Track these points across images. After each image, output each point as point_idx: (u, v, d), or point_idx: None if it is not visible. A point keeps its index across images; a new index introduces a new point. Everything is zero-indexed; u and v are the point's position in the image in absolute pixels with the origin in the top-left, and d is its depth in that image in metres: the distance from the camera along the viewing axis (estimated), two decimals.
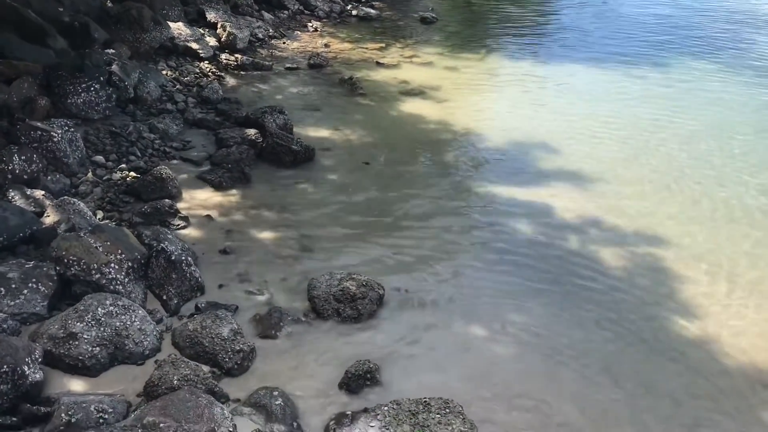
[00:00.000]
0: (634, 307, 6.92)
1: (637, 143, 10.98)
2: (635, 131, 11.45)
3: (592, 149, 10.71)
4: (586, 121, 11.80)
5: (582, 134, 11.30)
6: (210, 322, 5.70)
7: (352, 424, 4.87)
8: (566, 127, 11.52)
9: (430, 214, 8.48)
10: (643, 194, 9.31)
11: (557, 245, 8.00)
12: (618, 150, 10.71)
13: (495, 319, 6.56)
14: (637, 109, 12.43)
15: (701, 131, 11.51)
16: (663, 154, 10.62)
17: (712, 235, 8.32)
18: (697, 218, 8.72)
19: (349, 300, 6.29)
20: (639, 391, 5.79)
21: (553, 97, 13.09)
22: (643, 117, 12.07)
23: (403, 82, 13.18)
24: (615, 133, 11.37)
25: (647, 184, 9.61)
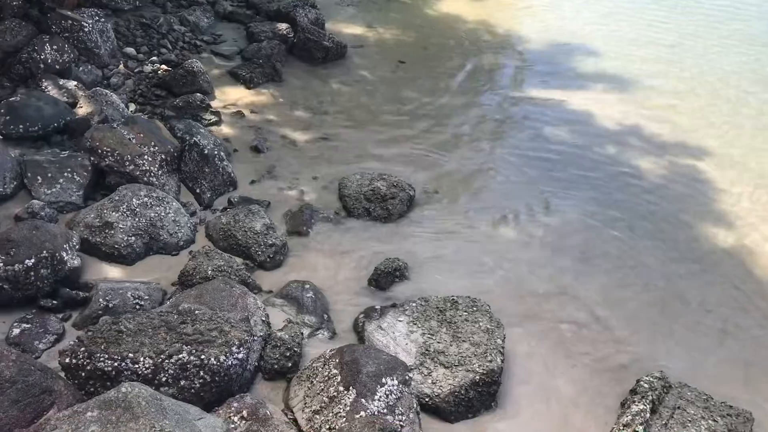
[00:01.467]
0: (670, 215, 6.84)
1: (682, 49, 10.59)
2: (681, 36, 11.01)
3: (634, 53, 10.37)
4: (630, 24, 11.37)
5: (625, 37, 10.91)
6: (243, 216, 5.75)
7: (380, 318, 4.95)
8: (609, 29, 11.12)
9: (464, 116, 8.33)
10: (685, 101, 9.06)
11: (593, 150, 7.87)
12: (662, 55, 10.36)
13: (525, 222, 6.55)
14: (684, 14, 11.90)
15: (753, 37, 11.02)
16: (709, 61, 10.23)
17: (756, 146, 8.10)
18: (741, 128, 8.48)
19: (379, 200, 6.28)
20: (669, 296, 5.79)
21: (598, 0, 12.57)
22: (690, 22, 11.57)
23: None
24: (660, 37, 10.96)
25: (691, 91, 9.33)
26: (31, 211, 5.42)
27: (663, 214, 6.86)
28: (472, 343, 4.71)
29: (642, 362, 5.07)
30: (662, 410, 4.43)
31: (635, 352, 5.19)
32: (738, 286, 5.98)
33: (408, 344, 4.75)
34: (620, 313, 5.55)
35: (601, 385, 4.86)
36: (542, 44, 10.42)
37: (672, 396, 4.56)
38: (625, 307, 5.63)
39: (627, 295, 5.77)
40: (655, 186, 7.31)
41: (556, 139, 8.00)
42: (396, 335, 4.82)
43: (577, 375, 4.95)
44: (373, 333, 4.85)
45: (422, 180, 6.93)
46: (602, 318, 5.49)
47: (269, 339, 4.59)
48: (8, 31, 7.20)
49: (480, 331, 4.81)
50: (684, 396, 4.58)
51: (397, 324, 4.91)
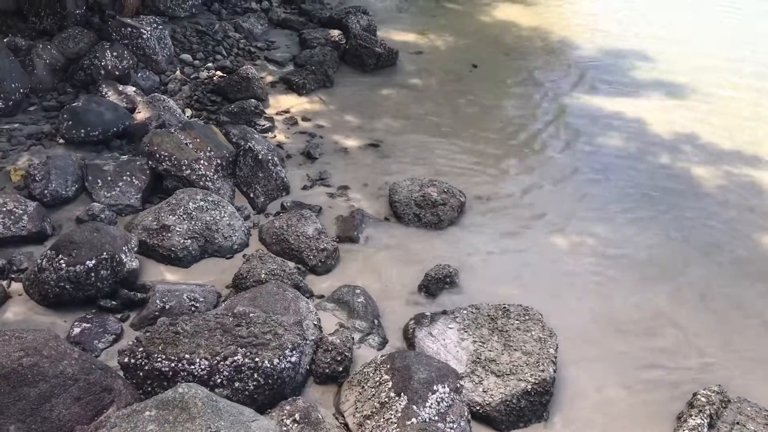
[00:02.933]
0: (726, 227, 6.67)
1: (738, 54, 10.32)
2: (735, 42, 10.73)
3: (688, 59, 10.16)
4: (682, 30, 11.14)
5: (678, 43, 10.69)
6: (295, 221, 5.82)
7: (431, 325, 4.95)
8: (661, 35, 10.94)
9: (515, 124, 8.27)
10: (741, 108, 8.81)
11: (647, 159, 7.73)
12: (716, 61, 10.11)
13: (578, 232, 6.46)
14: (737, 19, 11.61)
15: None
16: (763, 68, 9.95)
17: None
18: None
19: (429, 206, 6.28)
20: (727, 310, 5.64)
21: (651, 4, 12.33)
22: (745, 27, 11.27)
23: None
24: (714, 43, 10.70)
25: (747, 98, 9.06)
26: (91, 214, 5.59)
27: (721, 226, 6.69)
28: (524, 352, 4.67)
29: (701, 377, 4.95)
30: (720, 425, 4.32)
31: (693, 366, 5.07)
32: None
33: (459, 352, 4.73)
34: (676, 328, 5.43)
35: (656, 399, 4.76)
36: (598, 51, 10.29)
37: (731, 411, 4.44)
38: (681, 320, 5.50)
39: (684, 308, 5.64)
40: (713, 196, 7.12)
41: (611, 149, 7.87)
42: (447, 342, 4.81)
43: (632, 387, 4.85)
44: (424, 339, 4.85)
45: (474, 187, 6.90)
46: (657, 331, 5.37)
47: (321, 343, 4.62)
48: (71, 38, 7.46)
49: (532, 340, 4.77)
50: (743, 411, 4.45)
51: (448, 331, 4.90)
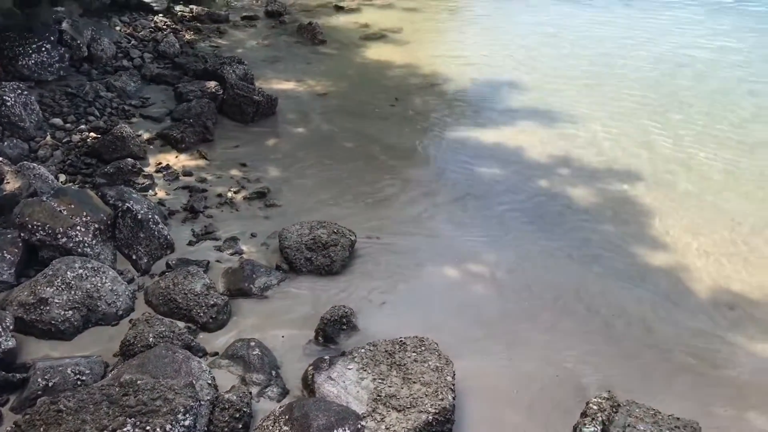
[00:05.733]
0: (605, 241, 7.02)
1: (602, 76, 11.02)
2: (600, 64, 11.47)
3: (558, 85, 10.74)
4: (550, 57, 11.78)
5: (548, 70, 11.30)
6: (182, 279, 5.67)
7: (330, 368, 4.91)
8: (531, 64, 11.51)
9: (399, 162, 8.44)
10: (611, 128, 9.37)
11: (527, 184, 8.05)
12: (584, 85, 10.74)
13: (467, 260, 6.62)
14: (601, 42, 12.43)
15: (666, 57, 11.57)
16: (627, 84, 10.67)
17: (678, 165, 8.43)
18: (665, 150, 8.82)
19: (321, 248, 6.29)
20: (612, 318, 5.93)
21: (516, 33, 13.03)
22: (607, 49, 12.08)
23: (364, 26, 13.00)
24: (580, 67, 11.39)
25: (615, 117, 9.67)
26: None
27: (599, 239, 7.05)
28: (423, 383, 4.72)
29: (591, 385, 5.16)
30: (613, 429, 4.49)
31: (582, 375, 5.28)
32: (676, 302, 6.16)
33: (359, 392, 4.72)
34: (566, 340, 5.65)
35: (552, 412, 4.91)
36: (473, 84, 10.69)
37: (621, 414, 4.63)
38: (570, 334, 5.73)
39: (571, 322, 5.88)
40: (590, 212, 7.50)
41: (492, 177, 8.16)
42: (346, 384, 4.79)
43: (529, 405, 4.99)
44: (324, 384, 4.81)
45: (364, 225, 6.95)
46: (549, 345, 5.57)
47: (217, 402, 4.50)
48: None
49: (430, 371, 4.83)
50: (633, 413, 4.65)
51: (347, 372, 4.88)
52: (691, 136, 9.08)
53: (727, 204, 7.60)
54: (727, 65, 11.52)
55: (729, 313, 6.02)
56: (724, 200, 7.67)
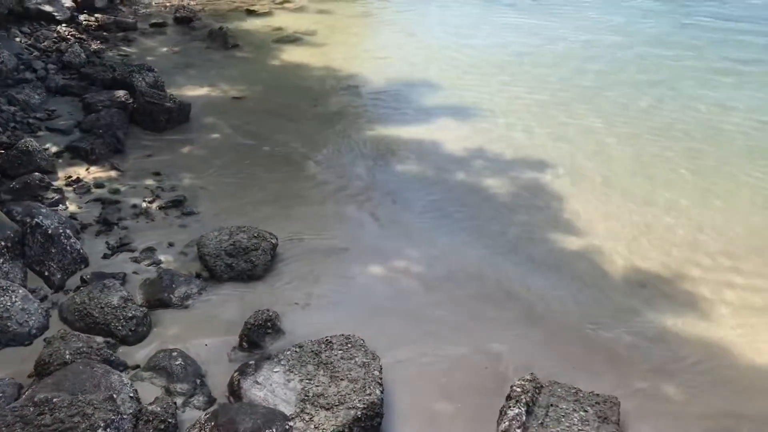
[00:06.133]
0: (522, 230, 7.20)
1: (513, 70, 11.31)
2: (511, 58, 11.77)
3: (473, 82, 10.95)
4: (465, 55, 12.00)
5: (462, 67, 11.51)
6: (98, 293, 5.50)
7: (256, 372, 4.86)
8: (446, 62, 11.71)
9: (318, 163, 8.43)
10: (524, 121, 9.60)
11: (446, 179, 8.18)
12: (498, 80, 10.99)
13: (390, 256, 6.67)
14: (514, 39, 12.75)
15: (574, 52, 11.96)
16: (538, 78, 10.98)
17: (590, 153, 8.72)
18: (576, 139, 9.11)
19: (241, 253, 6.21)
20: (532, 303, 6.10)
21: (429, 32, 13.23)
22: (520, 45, 12.41)
23: (277, 29, 12.93)
24: (492, 61, 11.65)
25: (528, 110, 9.91)
26: None
27: (516, 229, 7.23)
28: (350, 380, 4.73)
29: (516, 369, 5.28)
30: (537, 410, 4.63)
31: (507, 360, 5.41)
32: (591, 284, 6.39)
33: (287, 393, 4.69)
34: (490, 327, 5.78)
35: (479, 398, 5.01)
36: (390, 84, 10.75)
37: (544, 395, 4.78)
38: (493, 321, 5.86)
39: (493, 310, 6.00)
40: (507, 203, 7.69)
41: (410, 175, 8.24)
42: (273, 387, 4.75)
43: (457, 392, 5.08)
44: (250, 389, 4.76)
45: (286, 228, 6.90)
46: (474, 333, 5.68)
47: (140, 415, 4.38)
48: None
49: (357, 367, 4.85)
50: (555, 393, 4.81)
51: (273, 375, 4.84)
52: (599, 125, 9.43)
53: (636, 188, 7.91)
54: (633, 58, 11.97)
55: (641, 291, 6.28)
56: (633, 185, 7.98)
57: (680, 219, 7.32)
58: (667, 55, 11.85)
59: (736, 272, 6.53)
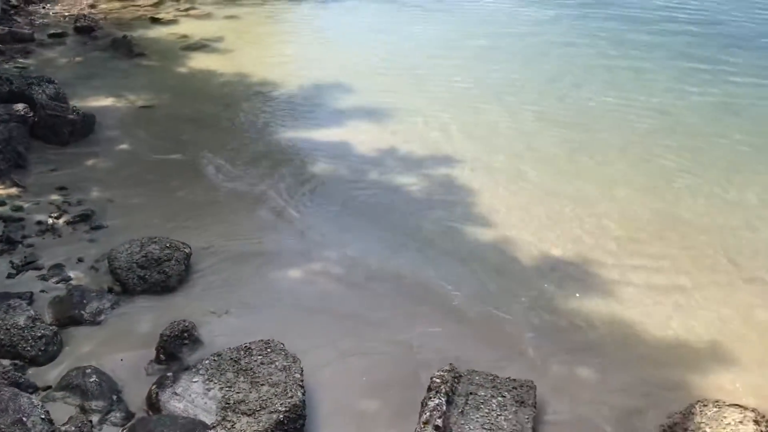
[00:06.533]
0: (437, 226, 7.34)
1: (424, 69, 11.47)
2: (421, 58, 11.93)
3: (383, 81, 11.06)
4: (375, 56, 12.09)
5: (373, 68, 11.60)
6: (3, 314, 5.27)
7: (174, 384, 4.78)
8: (357, 64, 11.77)
9: (230, 170, 8.32)
10: (436, 118, 9.76)
11: (361, 180, 8.25)
12: (409, 80, 11.13)
13: (308, 259, 6.69)
14: (423, 38, 12.93)
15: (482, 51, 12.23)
16: (448, 77, 11.17)
17: (502, 147, 8.95)
18: (484, 132, 9.34)
19: (154, 264, 6.08)
20: (448, 295, 6.23)
21: (340, 35, 13.28)
22: (429, 44, 12.60)
23: (183, 37, 12.69)
24: (402, 61, 11.79)
25: (440, 108, 10.07)
26: None
27: (431, 224, 7.36)
28: (271, 384, 4.72)
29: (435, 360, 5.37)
30: (457, 399, 4.74)
31: (427, 352, 5.51)
32: (503, 272, 6.58)
33: (207, 402, 4.64)
34: (410, 321, 5.87)
35: (402, 391, 5.08)
36: (300, 88, 10.70)
37: (463, 384, 4.90)
38: (412, 315, 5.95)
39: (411, 304, 6.10)
40: (421, 200, 7.82)
41: (325, 176, 8.25)
42: (193, 397, 4.68)
43: (379, 388, 5.14)
44: (169, 401, 4.67)
45: (199, 237, 6.80)
46: (394, 329, 5.77)
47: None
48: None
49: (277, 371, 4.83)
50: (474, 381, 4.94)
51: (192, 385, 4.78)
52: (508, 120, 9.68)
53: (545, 179, 8.16)
54: (537, 55, 12.30)
55: (552, 276, 6.52)
56: (542, 176, 8.23)
57: (587, 206, 7.61)
58: (571, 51, 12.23)
59: (640, 255, 6.87)
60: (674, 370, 5.46)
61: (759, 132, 9.21)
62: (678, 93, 10.41)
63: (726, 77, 10.85)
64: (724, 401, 4.92)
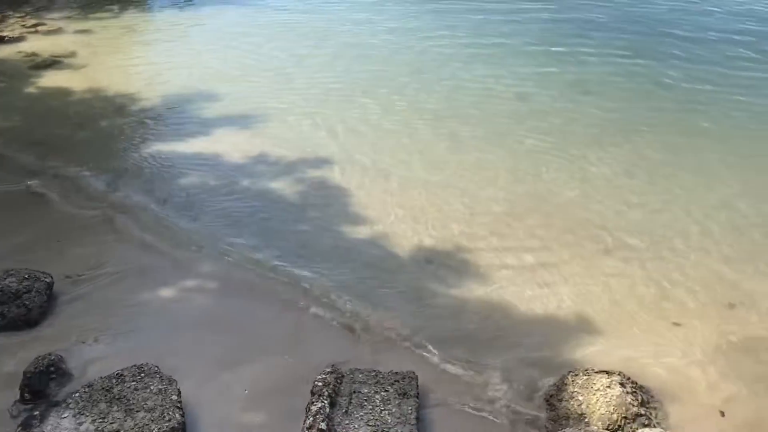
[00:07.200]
0: (313, 226, 7.33)
1: (290, 72, 11.38)
2: (287, 61, 11.82)
3: (249, 87, 10.90)
4: (238, 62, 11.87)
5: (237, 74, 11.38)
6: None
7: (42, 423, 4.49)
8: (220, 71, 11.53)
9: (89, 191, 7.94)
10: (305, 119, 9.68)
11: (232, 188, 8.10)
12: (273, 83, 11.00)
13: (178, 278, 6.48)
14: (286, 40, 12.79)
15: (347, 50, 12.25)
16: (314, 78, 11.13)
17: (371, 143, 8.99)
18: (353, 130, 9.35)
19: (12, 298, 5.70)
20: (323, 296, 6.24)
21: (200, 43, 12.93)
22: (293, 45, 12.49)
23: (31, 55, 11.99)
24: (267, 65, 11.65)
25: (309, 109, 10.00)
26: None
27: (306, 227, 7.32)
28: (147, 410, 4.54)
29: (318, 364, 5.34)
30: (340, 400, 4.74)
31: (308, 356, 5.47)
32: (383, 268, 6.65)
33: None
34: (285, 329, 5.83)
35: (286, 400, 5.01)
36: (164, 101, 10.34)
37: (346, 384, 4.90)
38: (291, 325, 5.91)
39: (291, 313, 6.05)
40: (295, 203, 7.76)
41: (195, 189, 8.04)
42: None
43: (262, 400, 5.05)
44: None
45: (62, 265, 6.42)
46: (272, 339, 5.69)
47: None
48: None
49: (153, 395, 4.66)
50: (356, 379, 4.95)
51: (62, 421, 4.52)
52: (376, 117, 9.72)
53: (416, 172, 8.28)
54: (400, 49, 12.41)
55: (428, 267, 6.65)
56: (413, 169, 8.34)
57: (458, 195, 7.79)
58: (433, 44, 12.44)
59: (510, 237, 7.12)
60: (548, 345, 5.72)
61: (610, 108, 9.72)
62: (535, 77, 10.84)
63: (579, 58, 11.41)
64: (593, 368, 5.22)
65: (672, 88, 10.06)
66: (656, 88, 10.13)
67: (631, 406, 4.83)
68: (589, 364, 5.36)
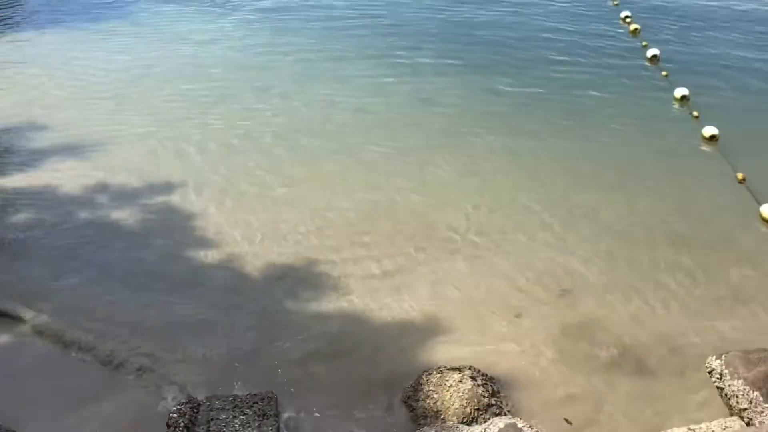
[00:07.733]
0: (159, 254, 7.13)
1: (125, 95, 10.97)
2: (122, 83, 11.38)
3: (83, 111, 10.44)
4: (71, 88, 11.28)
5: (70, 100, 10.86)
6: None
7: None
8: (54, 99, 10.89)
9: None
10: (142, 144, 9.36)
11: (68, 221, 7.71)
12: (106, 107, 10.56)
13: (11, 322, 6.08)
14: (114, 63, 12.30)
15: (185, 69, 11.95)
16: (149, 99, 10.78)
17: (217, 164, 8.83)
18: (195, 153, 9.13)
19: None
20: (180, 320, 6.14)
21: (32, 67, 12.19)
22: (126, 68, 12.04)
23: None
24: (99, 89, 11.18)
25: (144, 134, 9.64)
26: None
27: (152, 255, 7.10)
28: None
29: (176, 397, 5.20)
30: (198, 429, 4.64)
31: (164, 393, 5.31)
32: (239, 291, 6.57)
33: None
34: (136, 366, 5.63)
35: None
36: None
37: (203, 412, 4.81)
38: (140, 357, 5.71)
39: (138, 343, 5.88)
40: (138, 231, 7.50)
41: (25, 224, 7.57)
42: None
43: None
44: None
45: None
46: (119, 375, 5.50)
47: None
48: None
49: None
50: (214, 406, 4.87)
51: None
52: (221, 134, 9.51)
53: (264, 190, 8.17)
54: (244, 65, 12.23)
55: (280, 284, 6.64)
56: (259, 187, 8.21)
57: (307, 211, 7.75)
58: (274, 59, 12.35)
59: (361, 246, 7.20)
60: (404, 350, 5.84)
61: (448, 114, 10.08)
62: (376, 88, 11.05)
63: (416, 69, 11.78)
64: (446, 366, 5.44)
65: (502, 94, 10.63)
66: (487, 94, 10.66)
67: (483, 397, 5.08)
68: (443, 363, 5.57)
